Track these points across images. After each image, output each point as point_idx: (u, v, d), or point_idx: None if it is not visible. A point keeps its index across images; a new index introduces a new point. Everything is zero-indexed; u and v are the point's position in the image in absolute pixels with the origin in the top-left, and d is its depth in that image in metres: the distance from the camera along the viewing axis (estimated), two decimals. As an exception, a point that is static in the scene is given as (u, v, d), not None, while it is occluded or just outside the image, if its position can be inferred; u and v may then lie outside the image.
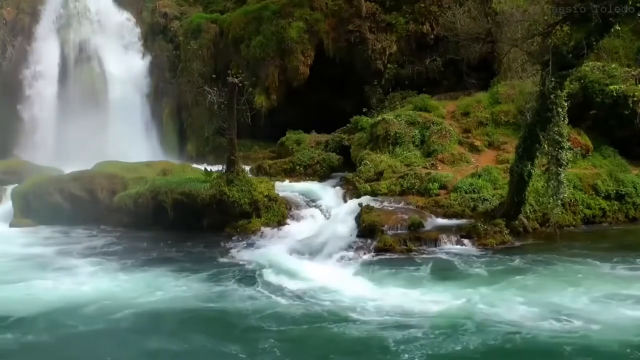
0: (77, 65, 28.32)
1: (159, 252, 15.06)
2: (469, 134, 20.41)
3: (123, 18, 29.63)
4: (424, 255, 13.95)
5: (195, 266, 13.66)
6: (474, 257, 13.71)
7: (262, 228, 16.37)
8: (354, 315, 10.49)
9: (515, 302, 10.82)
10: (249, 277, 12.87)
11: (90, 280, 12.71)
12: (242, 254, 14.64)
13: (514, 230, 15.14)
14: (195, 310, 11.01)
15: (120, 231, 17.25)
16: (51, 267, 13.78)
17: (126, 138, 26.11)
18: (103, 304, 11.21)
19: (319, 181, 20.39)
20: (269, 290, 11.96)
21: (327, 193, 18.63)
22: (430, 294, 11.43)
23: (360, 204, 16.21)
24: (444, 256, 13.88)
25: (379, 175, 18.62)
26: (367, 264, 13.52)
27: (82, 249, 15.52)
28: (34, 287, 12.29)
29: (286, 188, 19.03)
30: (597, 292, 11.17)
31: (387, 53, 25.79)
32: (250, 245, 15.41)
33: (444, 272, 12.78)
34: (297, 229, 16.23)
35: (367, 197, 17.09)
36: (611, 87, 18.97)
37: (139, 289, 12.10)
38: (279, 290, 11.94)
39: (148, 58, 29.21)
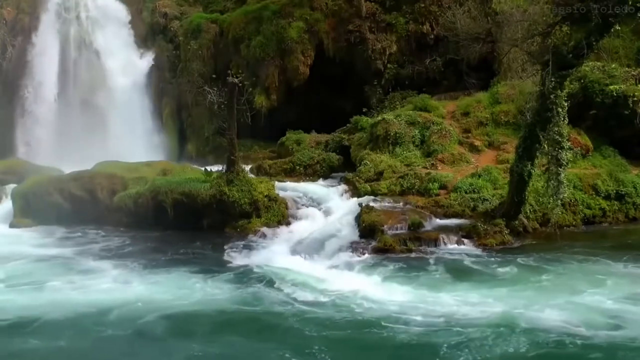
0: (77, 65, 28.31)
1: (172, 253, 14.83)
2: (469, 134, 20.42)
3: (123, 18, 29.63)
4: (425, 256, 13.93)
5: (213, 267, 13.55)
6: (478, 257, 13.69)
7: (262, 228, 16.35)
8: (379, 317, 10.33)
9: (542, 304, 10.66)
10: (251, 278, 12.81)
11: (116, 282, 12.50)
12: (241, 254, 14.59)
13: (514, 230, 15.14)
14: (223, 312, 10.82)
15: (124, 231, 17.12)
16: (72, 269, 13.50)
17: (126, 138, 26.15)
18: (135, 306, 10.96)
19: (319, 181, 20.39)
20: (280, 293, 11.79)
21: (327, 193, 18.61)
22: (447, 295, 11.30)
23: (360, 204, 16.21)
24: (445, 256, 13.84)
25: (379, 175, 18.62)
26: (368, 264, 13.50)
27: (99, 250, 15.25)
28: (58, 289, 12.04)
29: (286, 188, 19.01)
30: (619, 292, 11.13)
31: (387, 53, 25.79)
32: (250, 245, 15.35)
33: (454, 273, 12.69)
34: (297, 229, 16.19)
35: (367, 197, 17.10)
36: (611, 87, 18.97)
37: (167, 291, 11.86)
38: (291, 293, 11.78)
39: (148, 58, 29.20)
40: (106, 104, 27.73)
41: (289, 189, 19.01)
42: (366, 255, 14.15)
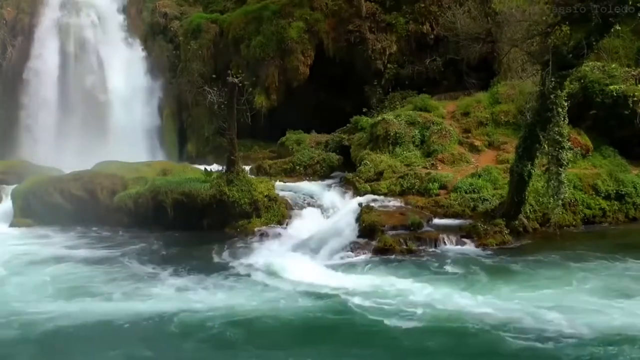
0: (77, 65, 28.31)
1: (201, 255, 14.64)
2: (469, 134, 20.41)
3: (123, 18, 29.64)
4: (425, 256, 13.92)
5: (211, 268, 13.55)
6: (478, 257, 13.67)
7: (262, 228, 16.35)
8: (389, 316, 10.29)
9: (542, 303, 10.60)
10: (251, 278, 12.79)
11: (170, 289, 12.18)
12: (241, 255, 14.58)
13: (514, 230, 15.13)
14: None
15: (134, 232, 17.00)
16: (116, 276, 13.04)
17: (126, 138, 26.15)
18: (205, 315, 10.62)
19: (319, 181, 20.39)
20: (280, 293, 11.74)
21: (327, 193, 18.61)
22: (447, 295, 11.25)
23: (360, 204, 16.21)
24: (445, 256, 13.81)
25: (379, 175, 18.62)
26: (368, 264, 13.49)
27: (134, 253, 14.83)
28: (117, 297, 11.72)
29: (286, 188, 19.02)
30: (619, 292, 11.10)
31: (387, 53, 25.79)
32: (250, 245, 15.33)
33: (454, 273, 12.67)
34: (297, 229, 16.19)
35: (367, 197, 17.09)
36: (611, 87, 18.97)
37: (218, 297, 11.65)
38: (291, 293, 11.74)
39: (148, 58, 29.21)
40: (106, 104, 27.73)
41: (289, 189, 19.02)
42: (366, 255, 14.15)
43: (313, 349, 9.41)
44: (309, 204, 17.84)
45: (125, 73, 28.43)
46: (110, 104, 27.82)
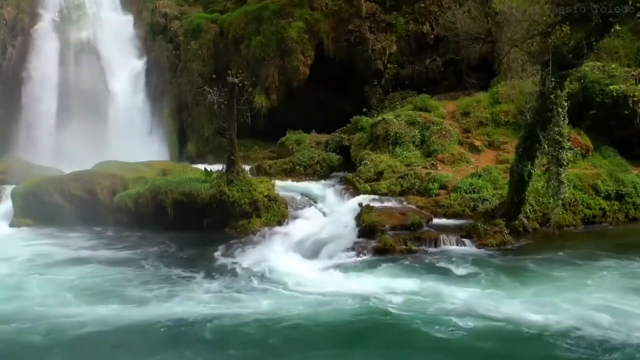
0: (77, 65, 28.29)
1: (209, 255, 14.58)
2: (469, 134, 20.42)
3: (123, 18, 29.64)
4: (425, 256, 13.92)
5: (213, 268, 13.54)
6: (478, 257, 13.67)
7: (262, 228, 16.35)
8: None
9: (542, 304, 10.57)
10: (250, 279, 12.81)
11: (199, 292, 11.98)
12: (240, 255, 14.60)
13: (514, 230, 15.14)
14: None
15: (137, 232, 16.95)
16: (145, 279, 12.90)
17: (126, 138, 26.15)
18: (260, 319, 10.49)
19: (319, 181, 20.39)
20: (280, 293, 11.74)
21: (327, 193, 18.63)
22: (447, 295, 11.23)
23: (360, 204, 16.21)
24: (445, 256, 13.81)
25: (379, 175, 18.63)
26: (368, 264, 13.49)
27: (154, 255, 14.69)
28: (151, 300, 11.52)
29: (286, 188, 19.02)
30: (619, 292, 11.08)
31: (387, 53, 25.79)
32: (250, 245, 15.31)
33: (454, 273, 12.66)
34: (297, 229, 16.18)
35: (367, 197, 17.09)
36: (611, 87, 18.98)
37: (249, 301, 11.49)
38: (291, 293, 11.75)
39: (148, 58, 29.21)
40: (106, 104, 27.72)
41: (289, 189, 19.02)
42: (366, 255, 14.15)
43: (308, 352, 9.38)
44: (309, 204, 17.85)
45: (126, 72, 28.42)
46: (110, 103, 27.82)
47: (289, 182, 20.10)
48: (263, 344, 9.54)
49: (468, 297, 11.11)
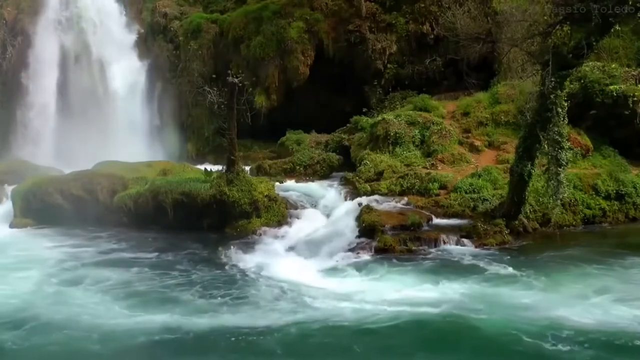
0: (77, 65, 28.31)
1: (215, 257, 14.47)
2: (469, 134, 20.43)
3: (123, 18, 29.64)
4: (425, 256, 13.91)
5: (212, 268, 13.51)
6: (478, 257, 13.66)
7: (262, 228, 16.35)
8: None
9: (542, 303, 10.62)
10: (250, 279, 12.81)
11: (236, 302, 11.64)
12: (240, 255, 14.54)
13: (514, 230, 15.15)
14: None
15: (140, 232, 16.78)
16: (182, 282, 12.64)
17: (126, 138, 26.13)
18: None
19: (319, 181, 20.39)
20: (280, 293, 11.71)
21: (327, 193, 18.63)
22: (448, 295, 11.23)
23: (360, 204, 16.22)
24: (445, 256, 13.81)
25: (379, 175, 18.63)
26: (368, 264, 13.48)
27: (185, 259, 14.38)
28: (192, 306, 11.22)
29: (286, 188, 19.02)
30: (619, 292, 11.10)
31: (387, 53, 25.79)
32: (250, 245, 15.27)
33: (454, 273, 12.63)
34: (297, 229, 16.19)
35: (367, 197, 17.09)
36: (611, 87, 18.97)
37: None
38: (291, 293, 11.72)
39: (148, 58, 29.20)
40: (106, 104, 27.72)
41: (289, 189, 19.03)
42: (366, 255, 14.14)
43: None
44: (308, 204, 17.84)
45: (126, 72, 28.41)
46: (110, 103, 27.80)
47: (289, 182, 20.09)
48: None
49: (468, 295, 11.10)
